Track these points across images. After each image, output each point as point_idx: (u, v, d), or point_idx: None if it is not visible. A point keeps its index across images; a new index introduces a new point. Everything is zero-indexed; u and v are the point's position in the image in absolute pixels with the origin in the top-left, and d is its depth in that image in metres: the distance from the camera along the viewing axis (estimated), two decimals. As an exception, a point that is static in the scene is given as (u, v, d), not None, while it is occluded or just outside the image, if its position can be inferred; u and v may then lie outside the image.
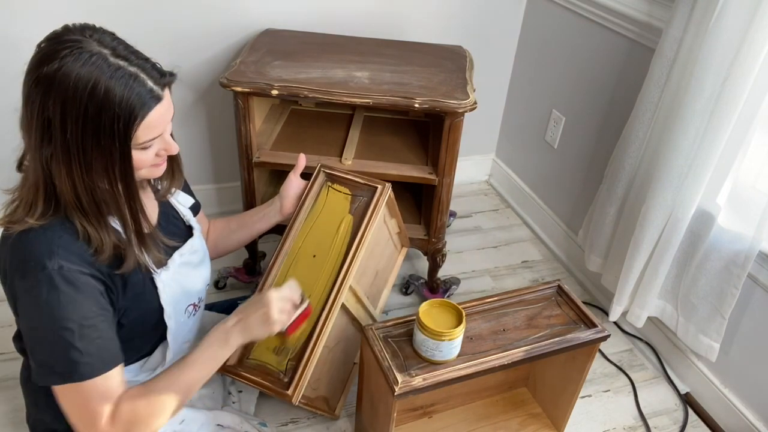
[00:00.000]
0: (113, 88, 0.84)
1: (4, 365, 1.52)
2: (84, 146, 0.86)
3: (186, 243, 1.14)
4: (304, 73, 1.51)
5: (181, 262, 1.11)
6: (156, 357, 1.14)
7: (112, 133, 0.86)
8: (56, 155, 0.87)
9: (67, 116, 0.84)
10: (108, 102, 0.84)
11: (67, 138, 0.85)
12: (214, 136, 2.01)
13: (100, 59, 0.84)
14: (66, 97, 0.83)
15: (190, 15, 1.76)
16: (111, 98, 0.84)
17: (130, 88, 0.85)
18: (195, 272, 1.15)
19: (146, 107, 0.88)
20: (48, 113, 0.84)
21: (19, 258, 0.91)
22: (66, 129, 0.85)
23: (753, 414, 1.46)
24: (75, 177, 0.88)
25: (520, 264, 2.08)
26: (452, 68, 1.63)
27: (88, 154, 0.87)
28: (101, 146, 0.87)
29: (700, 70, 1.30)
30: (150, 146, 0.93)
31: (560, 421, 1.45)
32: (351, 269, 1.23)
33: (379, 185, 1.33)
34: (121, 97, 0.85)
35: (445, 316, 1.14)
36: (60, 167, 0.88)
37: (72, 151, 0.86)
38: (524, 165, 2.30)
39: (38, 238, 0.90)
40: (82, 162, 0.87)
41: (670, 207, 1.44)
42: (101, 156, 0.88)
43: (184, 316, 1.13)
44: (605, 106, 1.81)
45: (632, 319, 1.62)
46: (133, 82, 0.86)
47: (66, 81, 0.83)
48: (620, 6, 1.67)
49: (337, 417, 1.46)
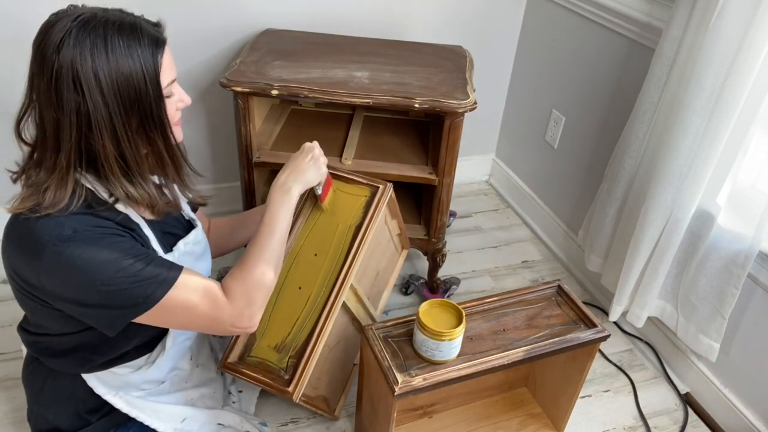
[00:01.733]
0: (127, 47, 0.88)
1: (4, 365, 1.52)
2: (120, 94, 0.89)
3: (190, 233, 1.16)
4: (304, 73, 1.51)
5: (185, 251, 1.12)
6: (156, 351, 1.15)
7: (144, 83, 0.90)
8: (101, 129, 0.89)
9: (98, 71, 0.86)
10: (130, 42, 0.88)
11: (109, 111, 0.88)
12: (214, 136, 2.02)
13: (101, 11, 0.89)
14: (89, 54, 0.86)
15: (190, 15, 1.76)
16: (133, 37, 0.89)
17: (139, 38, 0.89)
18: (197, 263, 1.16)
19: (160, 42, 0.92)
20: (78, 100, 0.86)
21: (31, 242, 0.90)
22: (107, 104, 0.88)
23: (753, 414, 1.47)
24: (120, 139, 0.91)
25: (520, 264, 2.08)
26: (452, 68, 1.63)
27: (128, 112, 0.90)
28: (140, 99, 0.90)
29: (700, 70, 1.30)
30: (171, 94, 0.97)
31: (560, 421, 1.45)
32: (353, 267, 1.24)
33: (381, 185, 1.34)
34: (140, 34, 0.89)
35: (445, 316, 1.14)
36: (104, 138, 0.89)
37: (115, 118, 0.89)
38: (524, 165, 2.30)
39: (48, 219, 0.90)
40: (126, 122, 0.90)
41: (670, 207, 1.44)
42: (141, 109, 0.91)
43: None
44: (605, 106, 1.81)
45: (632, 319, 1.62)
46: (139, 33, 0.90)
47: (86, 66, 0.85)
48: (620, 6, 1.67)
49: (337, 418, 1.46)
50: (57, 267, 0.89)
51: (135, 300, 0.94)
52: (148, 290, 0.94)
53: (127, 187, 0.95)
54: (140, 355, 1.12)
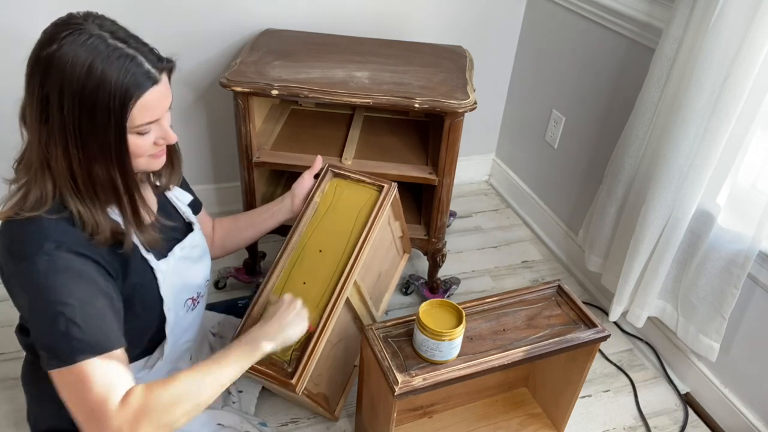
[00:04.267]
0: (110, 67, 0.86)
1: (4, 365, 1.52)
2: (80, 125, 0.87)
3: (186, 237, 1.15)
4: (304, 73, 1.51)
5: (182, 255, 1.12)
6: (155, 355, 1.14)
7: (108, 111, 0.87)
8: (53, 134, 0.88)
9: (64, 95, 0.85)
10: (104, 80, 0.85)
11: (63, 116, 0.86)
12: (214, 136, 2.02)
13: (98, 40, 0.86)
14: (63, 77, 0.85)
15: (191, 15, 1.76)
16: (107, 77, 0.85)
17: (126, 67, 0.87)
18: (195, 267, 1.16)
19: (142, 87, 0.88)
20: (46, 91, 0.86)
21: (16, 244, 0.90)
22: (63, 107, 0.86)
23: (753, 414, 1.47)
24: (71, 156, 0.89)
25: (520, 264, 2.08)
26: (452, 68, 1.63)
27: (84, 133, 0.88)
28: (97, 124, 0.87)
29: (700, 70, 1.30)
30: (147, 131, 0.93)
31: (560, 421, 1.45)
32: (357, 263, 1.25)
33: (386, 184, 1.35)
34: (118, 75, 0.86)
35: (445, 316, 1.14)
36: (57, 147, 0.88)
37: (68, 129, 0.87)
38: (524, 165, 2.30)
39: (34, 225, 0.90)
40: (78, 141, 0.88)
41: (670, 207, 1.44)
42: (97, 135, 0.88)
43: (183, 310, 1.13)
44: (605, 106, 1.81)
45: (632, 319, 1.62)
46: (130, 63, 0.87)
47: (64, 60, 0.84)
48: (620, 6, 1.67)
49: (337, 418, 1.46)
50: (32, 272, 0.88)
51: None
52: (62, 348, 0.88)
53: (78, 205, 0.92)
54: (138, 358, 1.12)
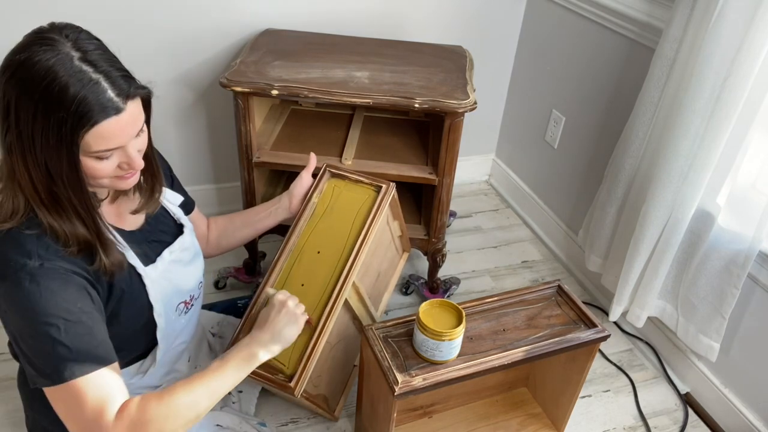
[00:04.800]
0: (68, 89, 0.82)
1: (4, 365, 1.52)
2: (34, 140, 0.85)
3: (176, 240, 1.13)
4: (304, 73, 1.51)
5: (171, 259, 1.10)
6: (147, 360, 1.13)
7: (59, 135, 0.83)
8: (14, 145, 0.86)
9: (21, 106, 0.83)
10: (60, 101, 0.82)
11: (20, 128, 0.84)
12: (214, 136, 2.01)
13: (66, 59, 0.83)
14: (23, 87, 0.82)
15: (191, 15, 1.76)
16: (63, 98, 0.82)
17: (85, 93, 0.82)
18: (186, 270, 1.14)
19: (100, 116, 0.84)
20: (8, 99, 0.84)
21: None
22: (20, 119, 0.84)
23: (753, 414, 1.46)
24: (30, 169, 0.87)
25: (520, 264, 2.08)
26: (452, 68, 1.63)
27: (38, 149, 0.85)
28: (49, 145, 0.85)
29: (700, 70, 1.30)
30: (107, 157, 0.89)
31: (560, 421, 1.45)
32: (356, 263, 1.24)
33: (384, 184, 1.35)
34: (74, 99, 0.82)
35: (445, 316, 1.14)
36: (18, 158, 0.87)
37: (25, 143, 0.85)
38: (524, 165, 2.30)
39: (14, 240, 0.88)
40: (34, 156, 0.86)
41: (670, 207, 1.44)
42: (50, 154, 0.85)
43: (175, 314, 1.12)
44: (605, 106, 1.81)
45: (632, 319, 1.62)
46: (91, 87, 0.83)
47: (27, 71, 0.82)
48: (620, 6, 1.67)
49: (337, 418, 1.46)
50: (15, 291, 0.87)
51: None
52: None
53: (47, 218, 0.90)
54: (130, 364, 1.12)
